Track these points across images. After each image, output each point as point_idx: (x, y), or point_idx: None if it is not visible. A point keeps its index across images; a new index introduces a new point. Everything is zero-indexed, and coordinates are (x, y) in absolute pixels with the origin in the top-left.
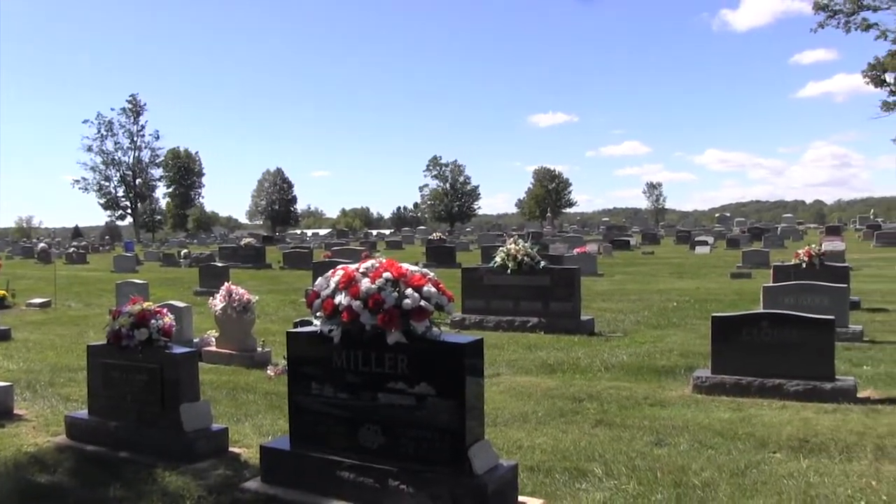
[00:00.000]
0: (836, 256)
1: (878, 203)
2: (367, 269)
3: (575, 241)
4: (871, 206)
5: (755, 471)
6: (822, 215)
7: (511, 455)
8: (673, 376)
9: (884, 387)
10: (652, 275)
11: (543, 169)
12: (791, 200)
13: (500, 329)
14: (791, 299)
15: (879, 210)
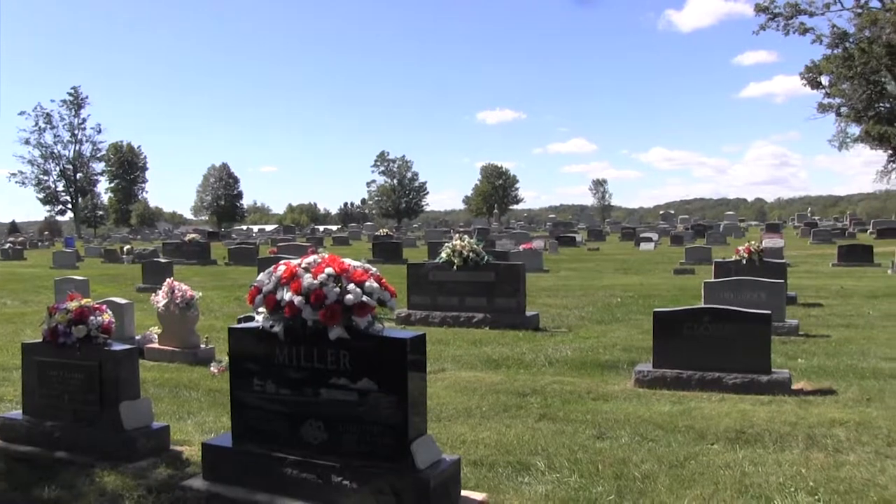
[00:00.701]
0: (775, 253)
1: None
2: (310, 265)
3: (521, 237)
4: (808, 205)
5: (693, 462)
6: (764, 213)
7: (455, 450)
8: (616, 371)
9: (816, 379)
10: (597, 271)
11: (491, 165)
12: (734, 198)
13: (446, 325)
14: (731, 294)
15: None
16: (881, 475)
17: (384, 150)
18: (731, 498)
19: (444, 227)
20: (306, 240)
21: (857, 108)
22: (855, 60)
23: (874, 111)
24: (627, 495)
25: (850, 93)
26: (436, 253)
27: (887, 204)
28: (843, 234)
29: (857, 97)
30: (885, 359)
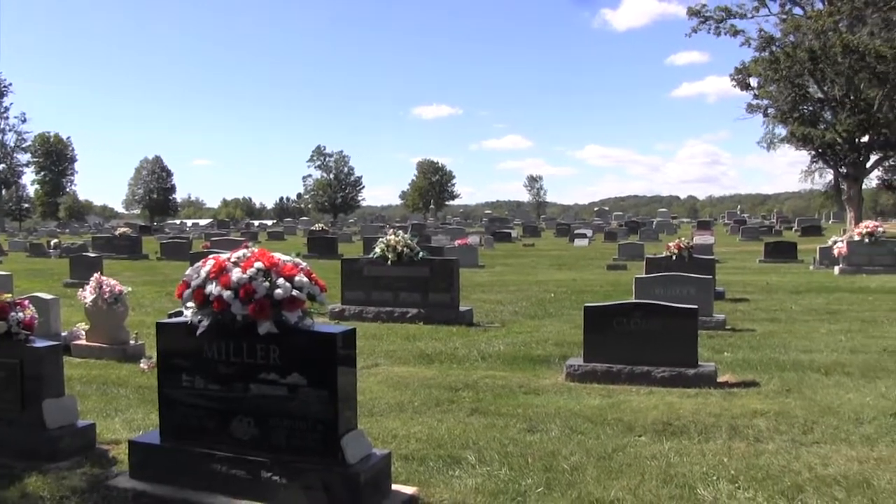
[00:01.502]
0: (705, 249)
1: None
2: (239, 259)
3: (457, 232)
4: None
5: (621, 454)
6: (695, 210)
7: (387, 444)
8: (548, 365)
9: (741, 372)
10: (532, 266)
11: (427, 161)
12: (667, 196)
13: (380, 320)
14: (661, 290)
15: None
16: (796, 462)
17: (320, 145)
18: (656, 487)
19: (381, 222)
20: (241, 234)
21: (782, 109)
22: (781, 64)
23: (798, 113)
24: (556, 487)
25: (776, 95)
26: (371, 248)
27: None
28: (770, 231)
29: (782, 99)
30: (804, 351)
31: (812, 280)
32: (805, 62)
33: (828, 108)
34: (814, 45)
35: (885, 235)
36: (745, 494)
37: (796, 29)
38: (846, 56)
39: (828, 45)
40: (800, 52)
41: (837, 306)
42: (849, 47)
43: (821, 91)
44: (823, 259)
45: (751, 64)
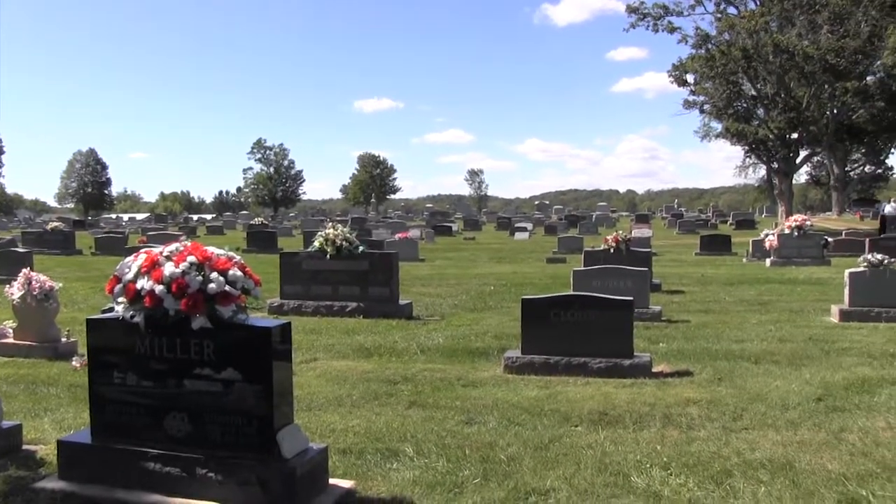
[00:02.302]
0: (643, 242)
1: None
2: (171, 253)
3: (398, 226)
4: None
5: (558, 444)
6: (634, 204)
7: (324, 438)
8: (486, 357)
9: (675, 361)
10: (472, 260)
11: (368, 155)
12: (606, 190)
13: (319, 314)
14: (598, 282)
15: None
16: (725, 447)
17: (261, 138)
18: (591, 476)
19: (321, 216)
20: (179, 229)
21: (718, 106)
22: (716, 61)
23: (733, 110)
24: (493, 478)
25: (712, 91)
26: (310, 242)
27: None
28: (706, 224)
29: (718, 96)
30: (735, 341)
31: (745, 272)
32: (739, 60)
33: (760, 105)
34: (747, 44)
35: (813, 229)
36: (677, 480)
37: (730, 28)
38: (777, 55)
39: (760, 45)
40: (734, 51)
41: (768, 297)
42: (779, 47)
43: (754, 89)
44: (756, 252)
45: (687, 61)
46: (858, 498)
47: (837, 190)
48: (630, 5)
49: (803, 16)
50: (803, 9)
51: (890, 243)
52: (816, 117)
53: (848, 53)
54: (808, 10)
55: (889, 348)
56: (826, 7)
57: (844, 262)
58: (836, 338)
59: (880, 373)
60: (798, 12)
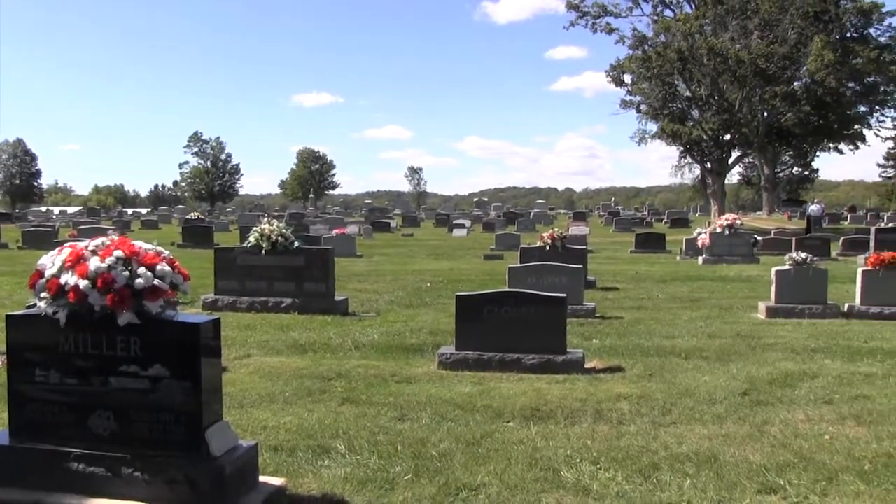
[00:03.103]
0: (579, 240)
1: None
2: (97, 247)
3: (336, 222)
4: (613, 195)
5: (490, 439)
6: (572, 202)
7: (256, 436)
8: (421, 354)
9: (608, 357)
10: (409, 256)
11: (307, 150)
12: (545, 187)
13: (254, 310)
14: (533, 279)
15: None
16: (654, 442)
17: (197, 131)
18: (522, 471)
19: (259, 211)
20: (112, 223)
21: (654, 106)
22: (652, 63)
23: (668, 111)
24: (424, 474)
25: (648, 92)
26: (247, 238)
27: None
28: (641, 223)
29: (654, 97)
30: (667, 337)
31: (678, 269)
32: (674, 62)
33: (695, 106)
34: (682, 47)
35: (743, 228)
36: (606, 475)
37: (666, 30)
38: (711, 58)
39: (694, 47)
40: (670, 53)
41: (699, 294)
42: (713, 50)
43: (689, 90)
44: (689, 249)
45: (625, 61)
46: (777, 487)
47: (767, 190)
48: (570, 2)
49: (736, 21)
50: (736, 14)
51: (815, 242)
52: (748, 119)
53: (777, 59)
54: (740, 16)
55: (810, 344)
56: (757, 13)
57: (773, 261)
58: (762, 334)
59: (801, 367)
60: (731, 17)
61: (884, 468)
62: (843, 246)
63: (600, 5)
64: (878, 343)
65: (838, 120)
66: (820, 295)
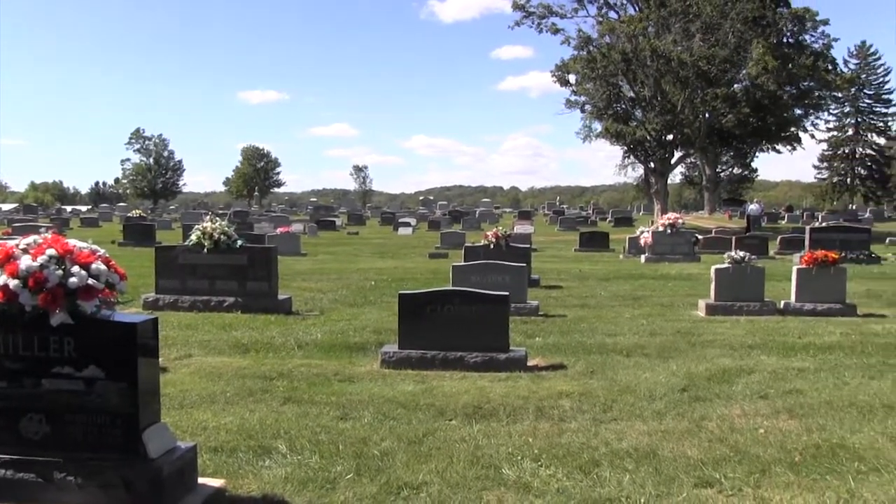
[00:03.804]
0: (523, 238)
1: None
2: (29, 245)
3: (281, 220)
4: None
5: (432, 438)
6: (518, 201)
7: (195, 437)
8: (364, 353)
9: (550, 355)
10: (354, 255)
11: (252, 147)
12: (491, 186)
13: (196, 309)
14: (477, 277)
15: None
16: (595, 438)
17: (139, 127)
18: (463, 469)
19: (203, 209)
20: (50, 220)
21: (598, 106)
22: (597, 63)
23: (612, 111)
24: (365, 473)
25: (592, 92)
26: (189, 236)
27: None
28: (586, 221)
29: (598, 97)
30: (609, 335)
31: (621, 268)
32: (618, 63)
33: (638, 107)
34: (626, 48)
35: (685, 227)
36: (547, 472)
37: (611, 31)
38: (654, 60)
39: (638, 49)
40: (614, 54)
41: (641, 292)
42: (656, 52)
43: (632, 91)
44: (632, 248)
45: (570, 62)
46: (713, 481)
47: (709, 190)
48: (516, 2)
49: (678, 23)
50: (678, 17)
51: (753, 241)
52: (690, 120)
53: (718, 61)
54: (682, 19)
55: (748, 340)
56: (699, 17)
57: (713, 259)
58: (701, 331)
59: (739, 363)
60: (674, 20)
61: (812, 459)
62: (780, 245)
63: (545, 6)
64: (811, 339)
65: (776, 122)
66: (757, 292)
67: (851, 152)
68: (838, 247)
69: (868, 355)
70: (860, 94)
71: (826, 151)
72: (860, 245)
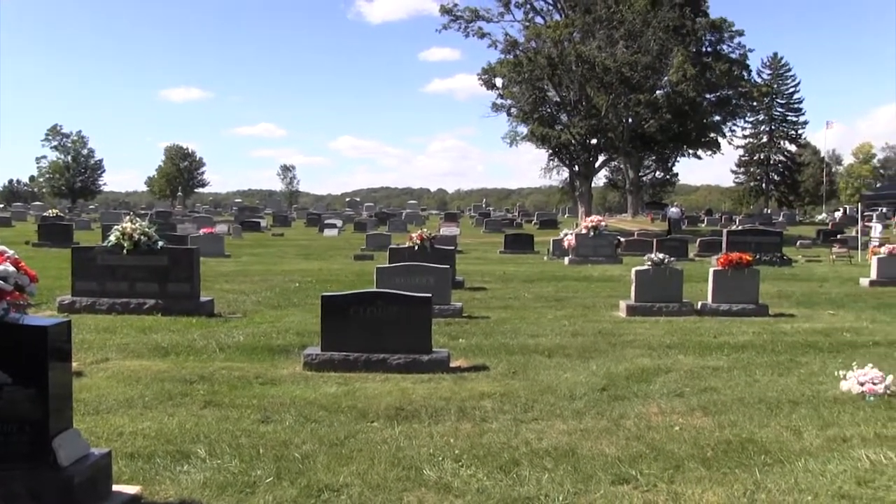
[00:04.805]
0: (448, 240)
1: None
2: None
3: (205, 221)
4: (485, 196)
5: (353, 440)
6: (445, 203)
7: (111, 443)
8: (286, 355)
9: (473, 357)
10: (279, 256)
11: (175, 146)
12: (418, 188)
13: (115, 312)
14: (401, 279)
15: (492, 200)
16: (515, 438)
17: (56, 124)
18: (384, 470)
19: (124, 209)
20: None
21: (524, 110)
22: (523, 67)
23: (538, 114)
24: (286, 476)
25: (518, 96)
26: (108, 237)
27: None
28: (512, 224)
29: (524, 100)
30: (531, 336)
31: (545, 270)
32: (544, 67)
33: (564, 111)
34: (552, 53)
35: (608, 229)
36: (468, 472)
37: (537, 36)
38: (579, 65)
39: (564, 54)
40: (540, 58)
41: (564, 294)
42: (581, 57)
43: (558, 95)
44: (556, 250)
45: (496, 65)
46: (629, 477)
47: (632, 193)
48: (444, 6)
49: (603, 30)
50: (603, 24)
51: (674, 244)
52: (614, 125)
53: (640, 68)
54: (607, 26)
55: (666, 340)
56: (622, 24)
57: (635, 261)
58: (622, 331)
59: (657, 363)
60: (598, 26)
61: (723, 454)
62: (699, 247)
63: (473, 10)
64: (726, 338)
65: (696, 128)
66: (676, 294)
67: (766, 158)
68: (753, 249)
69: (778, 353)
70: (774, 103)
71: (743, 157)
72: (773, 248)
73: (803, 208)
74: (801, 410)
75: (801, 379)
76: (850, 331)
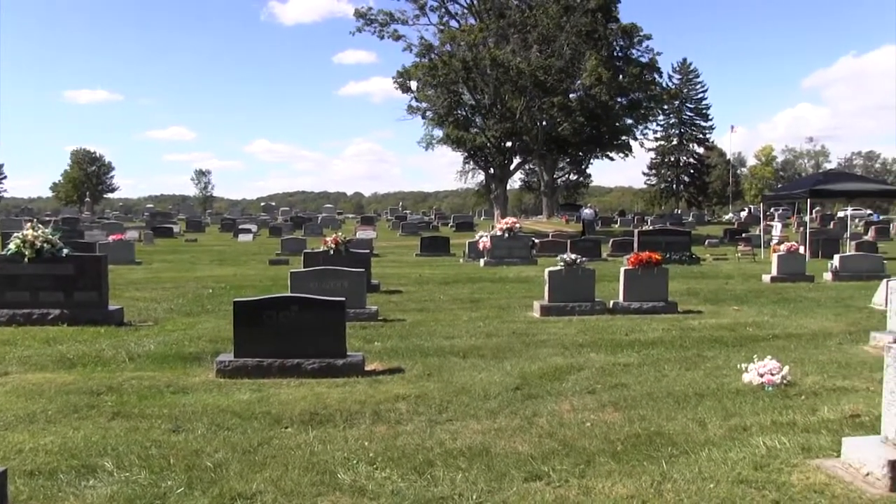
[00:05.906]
0: (364, 244)
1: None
2: None
3: (115, 227)
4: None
5: (267, 446)
6: (361, 206)
7: (8, 461)
8: (199, 362)
9: (388, 359)
10: (192, 262)
11: (82, 150)
12: (334, 192)
13: (16, 323)
14: (316, 283)
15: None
16: (430, 439)
17: None
18: (298, 476)
19: (27, 215)
20: None
21: (439, 113)
22: (438, 71)
23: (453, 117)
24: (197, 486)
25: (434, 99)
26: (7, 245)
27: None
28: (428, 226)
29: (439, 104)
30: (447, 337)
31: (461, 272)
32: (459, 71)
33: (479, 114)
34: (467, 56)
35: (523, 231)
36: (382, 474)
37: (452, 40)
38: (493, 68)
39: (478, 58)
40: (455, 62)
41: (480, 295)
42: (496, 61)
43: (473, 98)
44: (472, 252)
45: (412, 68)
46: (542, 474)
47: (546, 195)
48: (358, 10)
49: (517, 34)
50: (517, 28)
51: (587, 244)
52: (528, 128)
53: (554, 72)
54: (521, 30)
55: (579, 339)
56: (536, 28)
57: (550, 262)
58: (536, 331)
59: (570, 361)
60: (512, 31)
61: (633, 448)
62: (612, 247)
63: (387, 13)
64: (637, 336)
65: (609, 131)
66: (588, 293)
67: (676, 161)
68: (664, 249)
69: (685, 348)
70: (683, 107)
71: (654, 159)
72: (682, 247)
73: (712, 208)
74: (706, 403)
75: (706, 373)
76: (753, 325)
